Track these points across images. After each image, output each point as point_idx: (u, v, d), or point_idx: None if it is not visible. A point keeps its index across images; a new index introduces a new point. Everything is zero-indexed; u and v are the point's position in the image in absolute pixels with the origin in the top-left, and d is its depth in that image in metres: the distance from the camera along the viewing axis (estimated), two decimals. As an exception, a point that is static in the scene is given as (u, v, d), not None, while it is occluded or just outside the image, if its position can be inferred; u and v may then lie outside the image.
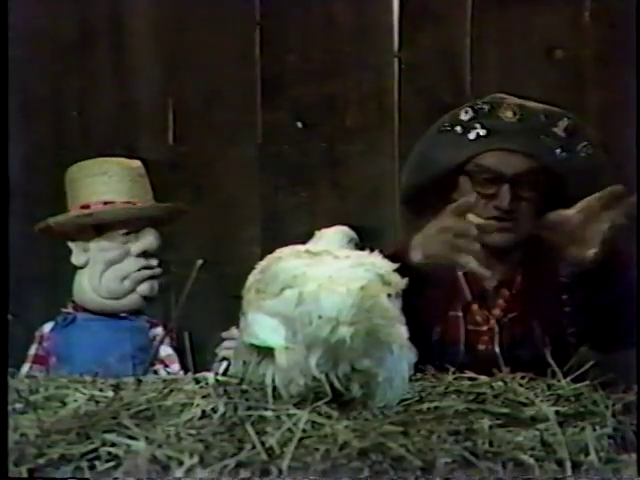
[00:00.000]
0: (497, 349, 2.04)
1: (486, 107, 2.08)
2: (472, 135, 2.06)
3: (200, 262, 2.16)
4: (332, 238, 1.65)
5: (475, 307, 2.10)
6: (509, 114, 2.06)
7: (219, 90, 2.95)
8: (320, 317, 1.31)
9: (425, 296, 2.00)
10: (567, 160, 2.02)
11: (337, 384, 1.32)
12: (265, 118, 2.93)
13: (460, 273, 2.10)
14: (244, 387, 1.38)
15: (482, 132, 2.05)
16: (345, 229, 1.71)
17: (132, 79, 2.97)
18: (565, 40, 2.82)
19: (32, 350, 2.42)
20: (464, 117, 2.08)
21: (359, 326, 1.29)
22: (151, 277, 2.39)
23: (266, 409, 1.27)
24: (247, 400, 1.32)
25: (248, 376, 1.41)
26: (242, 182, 2.93)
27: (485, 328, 2.08)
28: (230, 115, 2.94)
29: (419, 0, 2.89)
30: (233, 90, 2.95)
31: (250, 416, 1.25)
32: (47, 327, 2.43)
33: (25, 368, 2.37)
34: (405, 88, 2.88)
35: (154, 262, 2.40)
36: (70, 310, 2.42)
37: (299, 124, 2.92)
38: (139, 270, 2.37)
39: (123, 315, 2.39)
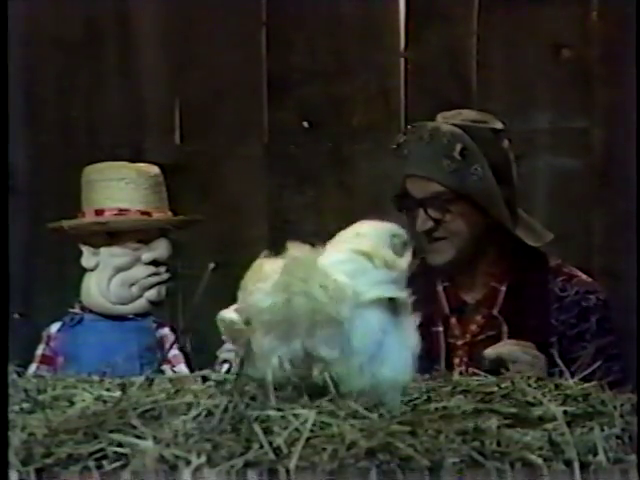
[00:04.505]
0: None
1: (409, 131, 2.14)
2: (401, 159, 2.16)
3: (212, 266, 2.16)
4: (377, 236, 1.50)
5: (453, 321, 2.13)
6: (418, 138, 2.11)
7: (225, 90, 2.95)
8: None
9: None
10: (463, 182, 2.08)
11: (294, 367, 1.28)
12: (271, 118, 2.93)
13: (440, 287, 2.14)
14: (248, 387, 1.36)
15: (395, 149, 2.15)
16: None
17: (139, 79, 2.97)
18: (572, 39, 2.82)
19: (39, 350, 2.42)
20: (400, 140, 2.16)
21: (282, 296, 1.26)
22: (159, 283, 2.39)
23: (268, 409, 1.24)
24: (252, 399, 1.30)
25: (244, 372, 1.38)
26: (248, 181, 2.93)
27: (461, 342, 2.10)
28: (236, 115, 2.94)
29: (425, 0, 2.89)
30: (239, 90, 2.94)
31: (257, 416, 1.24)
32: (54, 327, 2.43)
33: (32, 368, 2.37)
34: (411, 88, 2.87)
35: (162, 269, 2.40)
36: (77, 310, 2.42)
37: (305, 124, 2.92)
38: (147, 277, 2.37)
39: (130, 316, 2.39)
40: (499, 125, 2.14)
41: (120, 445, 1.14)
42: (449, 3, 2.88)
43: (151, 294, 2.39)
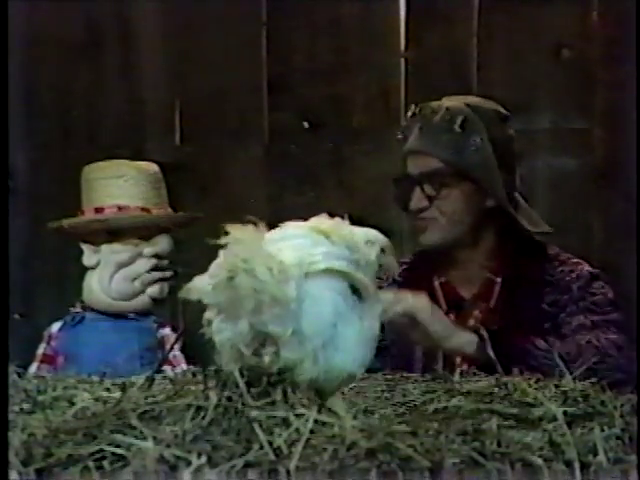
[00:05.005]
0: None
1: (410, 112, 2.12)
2: (403, 141, 2.13)
3: None
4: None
5: (451, 317, 2.10)
6: (421, 117, 2.09)
7: (226, 90, 2.95)
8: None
9: None
10: (460, 155, 2.05)
11: (245, 349, 1.23)
12: (272, 118, 2.93)
13: (437, 283, 2.13)
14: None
15: (400, 137, 2.11)
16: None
17: (139, 79, 2.98)
18: (572, 39, 2.82)
19: (40, 349, 2.42)
20: (404, 123, 2.15)
21: (224, 277, 1.21)
22: (161, 279, 2.39)
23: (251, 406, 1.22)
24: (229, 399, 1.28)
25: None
26: (249, 182, 2.93)
27: None
28: (237, 115, 2.94)
29: (426, 0, 2.89)
30: (240, 90, 2.95)
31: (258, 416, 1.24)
32: (55, 326, 2.43)
33: (33, 368, 2.38)
34: (411, 88, 2.87)
35: (165, 262, 2.40)
36: (79, 310, 2.42)
37: (305, 124, 2.92)
38: (149, 272, 2.37)
39: (131, 316, 2.39)
40: (505, 112, 2.13)
41: (120, 446, 1.14)
42: (449, 4, 2.88)
43: (153, 291, 2.39)
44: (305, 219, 1.65)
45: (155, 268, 2.39)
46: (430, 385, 1.59)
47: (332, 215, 1.37)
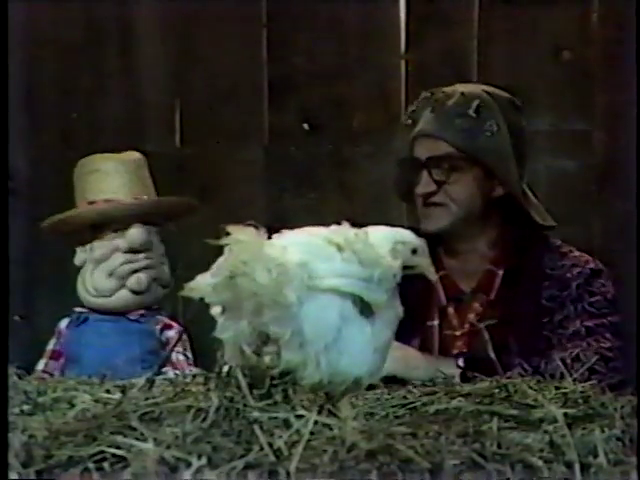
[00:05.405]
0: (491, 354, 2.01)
1: (421, 96, 2.10)
2: (410, 126, 2.11)
3: None
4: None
5: (451, 310, 2.08)
6: (433, 101, 2.07)
7: (226, 92, 2.95)
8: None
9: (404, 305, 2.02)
10: (473, 140, 2.03)
11: (246, 348, 1.24)
12: (272, 120, 2.93)
13: (436, 277, 2.09)
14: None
15: (409, 122, 2.09)
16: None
17: (139, 81, 2.97)
18: (572, 41, 2.82)
19: (50, 345, 2.42)
20: (410, 108, 2.13)
21: (224, 277, 1.22)
22: (137, 270, 2.37)
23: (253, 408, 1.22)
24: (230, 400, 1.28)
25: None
26: (249, 184, 2.93)
27: (459, 333, 2.06)
28: (237, 117, 2.94)
29: (426, 2, 2.89)
30: (240, 92, 2.95)
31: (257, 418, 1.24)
32: (64, 323, 2.44)
33: (41, 364, 2.38)
34: (412, 90, 2.87)
35: (141, 256, 2.37)
36: (84, 309, 2.42)
37: (306, 126, 2.92)
38: (122, 265, 2.36)
39: (133, 318, 2.38)
40: (519, 102, 2.13)
41: (120, 447, 1.14)
42: (450, 5, 2.88)
43: (131, 283, 2.36)
44: (305, 221, 1.65)
45: (128, 261, 2.36)
46: (430, 387, 1.59)
47: (353, 224, 1.34)
